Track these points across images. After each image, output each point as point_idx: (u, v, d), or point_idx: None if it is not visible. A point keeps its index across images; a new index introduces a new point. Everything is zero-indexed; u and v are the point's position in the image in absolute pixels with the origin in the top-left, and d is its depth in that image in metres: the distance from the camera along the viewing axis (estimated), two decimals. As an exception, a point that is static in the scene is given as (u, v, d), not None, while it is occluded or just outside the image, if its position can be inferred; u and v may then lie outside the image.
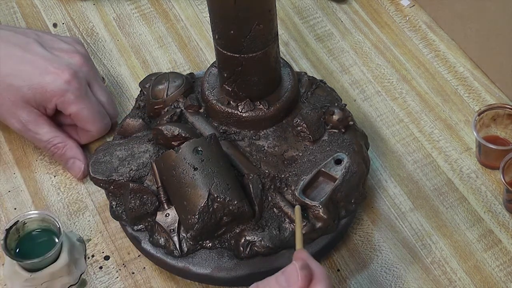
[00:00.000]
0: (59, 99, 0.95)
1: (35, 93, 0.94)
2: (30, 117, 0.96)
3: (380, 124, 1.02)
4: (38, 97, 0.94)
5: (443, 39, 1.10)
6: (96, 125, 0.98)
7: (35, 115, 0.96)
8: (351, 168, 0.87)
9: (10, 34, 0.97)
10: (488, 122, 0.97)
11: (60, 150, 0.97)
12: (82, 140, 1.00)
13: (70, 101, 0.95)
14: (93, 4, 1.17)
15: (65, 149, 0.97)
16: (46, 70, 0.94)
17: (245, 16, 0.82)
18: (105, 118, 0.99)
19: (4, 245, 0.80)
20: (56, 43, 0.98)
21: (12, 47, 0.96)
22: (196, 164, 0.84)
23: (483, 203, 0.94)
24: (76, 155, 0.97)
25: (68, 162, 0.98)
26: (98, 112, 0.98)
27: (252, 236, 0.85)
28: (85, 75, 0.97)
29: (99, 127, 0.99)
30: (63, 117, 0.99)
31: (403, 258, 0.90)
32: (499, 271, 0.89)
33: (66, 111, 0.96)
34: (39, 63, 0.95)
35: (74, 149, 0.98)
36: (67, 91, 0.94)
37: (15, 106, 0.95)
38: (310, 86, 0.95)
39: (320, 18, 1.14)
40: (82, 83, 0.96)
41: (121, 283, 0.90)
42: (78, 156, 0.97)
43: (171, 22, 1.15)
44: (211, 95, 0.92)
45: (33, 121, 0.96)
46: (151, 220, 0.87)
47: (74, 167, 0.98)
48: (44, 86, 0.94)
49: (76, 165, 0.97)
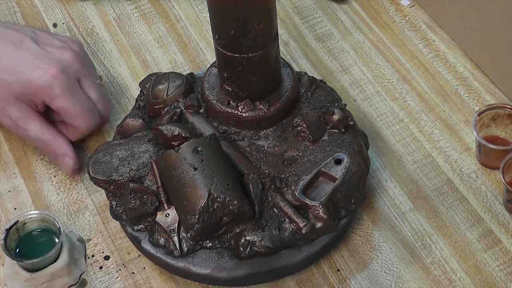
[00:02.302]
0: (45, 94, 0.94)
1: (24, 88, 0.94)
2: (21, 113, 0.96)
3: (380, 124, 1.02)
4: (27, 92, 0.94)
5: (443, 39, 1.10)
6: (84, 122, 0.97)
7: (26, 111, 0.96)
8: (351, 168, 0.87)
9: (7, 31, 0.98)
10: (488, 122, 0.97)
11: (49, 147, 0.97)
12: (71, 136, 0.99)
13: (56, 95, 0.94)
14: (93, 4, 1.17)
15: (55, 145, 0.97)
16: (35, 65, 0.94)
17: (245, 16, 0.82)
18: (94, 115, 0.98)
19: (4, 245, 0.80)
20: (51, 40, 0.98)
21: (6, 44, 0.96)
22: (196, 164, 0.84)
23: (483, 203, 0.94)
24: (66, 151, 0.97)
25: (58, 159, 0.98)
26: (86, 109, 0.97)
27: (252, 236, 0.85)
28: (75, 72, 0.96)
29: (87, 123, 0.97)
30: (54, 113, 0.98)
31: (403, 258, 0.90)
32: (499, 271, 0.89)
33: (53, 106, 0.96)
34: (29, 58, 0.95)
35: (64, 146, 0.97)
36: (53, 86, 0.94)
37: (5, 102, 0.95)
38: (310, 86, 0.95)
39: (320, 18, 1.14)
40: (70, 79, 0.95)
41: (121, 283, 0.90)
42: (68, 153, 0.97)
43: (171, 22, 1.15)
44: (211, 95, 0.92)
45: (23, 117, 0.96)
46: (151, 220, 0.87)
47: (65, 164, 0.97)
48: (31, 81, 0.94)
49: (65, 161, 0.97)
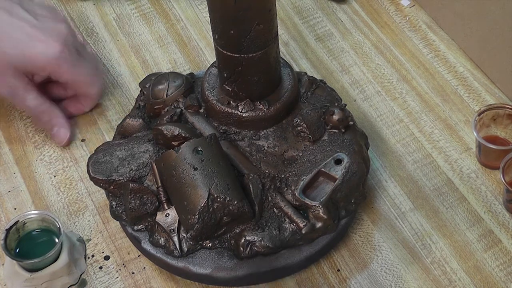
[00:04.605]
0: (53, 68, 0.96)
1: (26, 62, 0.96)
2: (19, 83, 0.97)
3: (380, 124, 1.02)
4: (29, 65, 0.96)
5: (443, 39, 1.10)
6: (94, 87, 1.01)
7: (24, 81, 0.97)
8: (351, 168, 0.87)
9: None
10: (488, 122, 0.97)
11: (46, 116, 1.00)
12: (86, 106, 1.03)
13: (65, 69, 0.97)
14: (93, 4, 1.17)
15: (51, 116, 1.00)
16: (36, 38, 0.96)
17: (245, 16, 0.82)
18: (100, 79, 1.02)
19: (4, 245, 0.80)
20: (38, 10, 0.99)
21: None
22: (196, 164, 0.84)
23: (483, 203, 0.94)
24: (62, 123, 1.00)
25: (53, 129, 1.00)
26: (93, 74, 1.00)
27: (252, 236, 0.85)
28: (73, 42, 0.99)
29: (97, 88, 1.01)
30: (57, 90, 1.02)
31: (403, 258, 0.90)
32: (499, 271, 0.89)
33: (62, 79, 0.98)
34: (27, 29, 0.96)
35: (60, 117, 1.00)
36: (60, 60, 0.96)
37: (3, 71, 0.96)
38: (310, 86, 0.95)
39: (320, 18, 1.14)
40: (72, 50, 0.98)
41: (121, 283, 0.90)
42: (63, 124, 1.00)
43: (171, 22, 1.15)
44: (211, 95, 0.92)
45: (21, 87, 0.98)
46: (151, 220, 0.87)
47: (59, 134, 1.00)
48: (37, 56, 0.95)
49: (61, 132, 1.00)
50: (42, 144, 1.02)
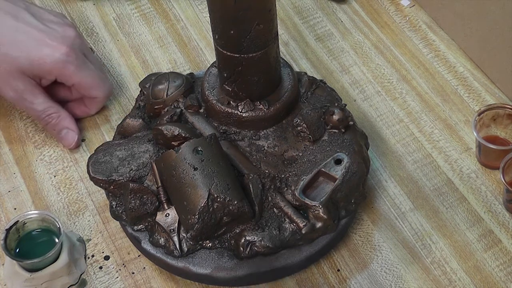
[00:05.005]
0: (60, 71, 0.97)
1: (33, 65, 0.96)
2: (26, 87, 0.98)
3: (380, 124, 1.02)
4: (36, 69, 0.96)
5: (443, 39, 1.10)
6: (101, 90, 1.01)
7: (31, 85, 0.98)
8: (351, 168, 0.87)
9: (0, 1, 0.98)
10: (488, 122, 0.97)
11: (54, 120, 1.00)
12: (92, 109, 1.03)
13: (71, 72, 0.97)
14: (93, 4, 1.17)
15: (59, 119, 1.00)
16: (43, 42, 0.96)
17: (245, 16, 0.82)
18: (106, 82, 1.02)
19: (4, 245, 0.80)
20: (45, 15, 1.00)
21: (3, 15, 0.97)
22: (196, 164, 0.84)
23: (483, 203, 0.94)
24: (70, 125, 1.00)
25: (61, 132, 1.00)
26: (99, 78, 1.01)
27: (252, 236, 0.85)
28: (80, 47, 0.99)
29: (104, 91, 1.01)
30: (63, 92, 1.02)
31: (403, 258, 0.90)
32: (499, 271, 0.89)
33: (69, 82, 0.99)
34: (34, 34, 0.96)
35: (68, 120, 1.00)
36: (66, 63, 0.96)
37: (10, 76, 0.96)
38: (310, 86, 0.95)
39: (320, 18, 1.14)
40: (79, 54, 0.98)
41: (121, 283, 0.90)
42: (71, 126, 1.00)
43: (171, 22, 1.15)
44: (211, 95, 0.92)
45: (29, 91, 0.98)
46: (151, 220, 0.87)
47: (68, 137, 1.00)
48: (43, 59, 0.96)
49: (69, 135, 1.00)
50: (42, 144, 1.02)
